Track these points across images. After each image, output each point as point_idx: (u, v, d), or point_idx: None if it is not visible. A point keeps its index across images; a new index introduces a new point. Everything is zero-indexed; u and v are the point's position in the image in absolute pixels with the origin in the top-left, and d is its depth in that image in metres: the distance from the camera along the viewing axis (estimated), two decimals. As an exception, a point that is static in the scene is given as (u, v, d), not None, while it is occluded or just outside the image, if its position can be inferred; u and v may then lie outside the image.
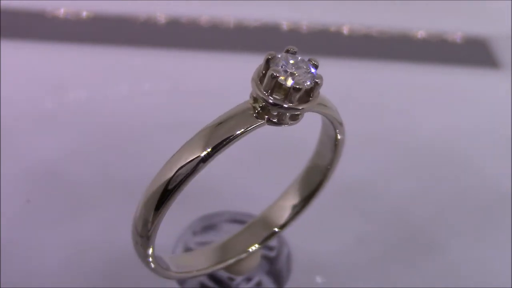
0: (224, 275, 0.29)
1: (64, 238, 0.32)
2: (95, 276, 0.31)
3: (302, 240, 0.32)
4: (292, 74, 0.21)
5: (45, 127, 0.38)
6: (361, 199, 0.36)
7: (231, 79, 0.36)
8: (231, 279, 0.30)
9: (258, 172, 0.36)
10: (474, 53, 0.46)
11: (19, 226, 0.33)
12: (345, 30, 0.47)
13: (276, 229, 0.29)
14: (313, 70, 0.22)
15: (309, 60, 0.22)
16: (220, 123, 0.22)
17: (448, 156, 0.38)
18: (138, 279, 0.31)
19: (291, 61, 0.22)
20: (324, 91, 0.23)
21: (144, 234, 0.22)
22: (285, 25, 0.46)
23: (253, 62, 0.45)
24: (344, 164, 0.37)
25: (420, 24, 0.48)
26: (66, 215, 0.34)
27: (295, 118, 0.22)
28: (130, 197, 0.34)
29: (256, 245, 0.29)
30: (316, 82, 0.21)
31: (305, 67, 0.22)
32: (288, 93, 0.21)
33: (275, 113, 0.22)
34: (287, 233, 0.31)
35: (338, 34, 0.47)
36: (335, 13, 0.48)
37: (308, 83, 0.21)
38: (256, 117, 0.22)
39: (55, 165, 0.36)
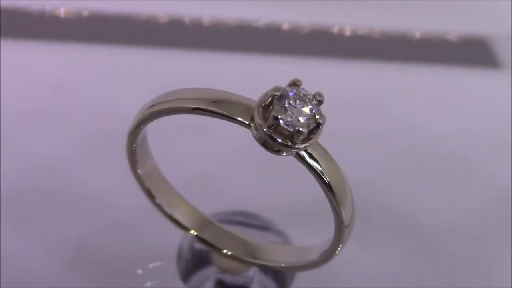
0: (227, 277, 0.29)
1: (65, 238, 0.32)
2: (95, 276, 0.31)
3: (303, 239, 0.32)
4: (288, 109, 0.21)
5: (45, 126, 0.38)
6: (361, 199, 0.36)
7: (232, 79, 0.36)
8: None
9: (261, 171, 0.36)
10: (474, 53, 0.46)
11: (19, 226, 0.33)
12: (346, 31, 0.47)
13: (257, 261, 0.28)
14: (312, 124, 0.21)
15: (317, 115, 0.21)
16: (223, 99, 0.22)
17: (448, 156, 0.38)
18: (139, 279, 0.31)
19: (306, 103, 0.21)
20: (324, 92, 0.23)
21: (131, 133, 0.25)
22: (286, 25, 0.46)
23: (255, 63, 0.46)
24: (344, 164, 0.37)
25: (420, 24, 0.48)
26: (66, 215, 0.34)
27: (267, 146, 0.21)
28: (131, 197, 0.35)
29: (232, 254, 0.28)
30: (299, 130, 0.20)
31: (309, 115, 0.21)
32: (269, 117, 0.21)
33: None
34: (289, 233, 0.31)
35: (339, 35, 0.47)
36: (337, 14, 0.48)
37: (295, 128, 0.20)
38: (250, 118, 0.21)
39: (55, 164, 0.36)
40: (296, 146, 0.21)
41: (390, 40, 0.47)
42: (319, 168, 0.22)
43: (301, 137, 0.21)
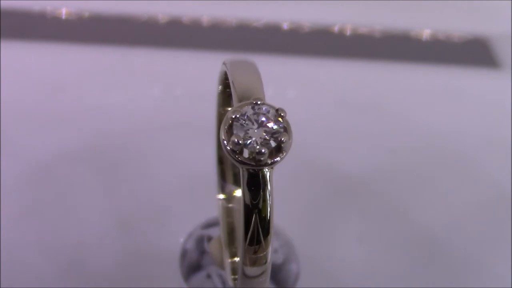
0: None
1: (65, 238, 0.32)
2: (95, 276, 0.31)
3: (304, 240, 0.32)
4: (248, 121, 0.20)
5: (45, 127, 0.38)
6: (362, 199, 0.36)
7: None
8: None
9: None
10: (474, 53, 0.46)
11: (19, 226, 0.33)
12: (347, 31, 0.47)
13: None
14: (263, 149, 0.20)
15: (263, 146, 0.20)
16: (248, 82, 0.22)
17: (448, 155, 0.38)
18: (139, 279, 0.31)
19: (267, 129, 0.20)
20: (324, 91, 0.23)
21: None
22: (286, 25, 0.46)
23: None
24: (345, 164, 0.37)
25: (420, 24, 0.48)
26: (66, 216, 0.34)
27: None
28: (131, 197, 0.35)
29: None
30: (237, 142, 0.20)
31: (256, 139, 0.20)
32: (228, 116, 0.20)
33: None
34: (288, 232, 0.31)
35: (340, 35, 0.47)
36: (337, 14, 0.48)
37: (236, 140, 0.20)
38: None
39: (55, 165, 0.36)
40: (237, 158, 0.20)
41: (390, 40, 0.47)
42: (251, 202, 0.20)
43: (237, 148, 0.20)
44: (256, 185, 0.20)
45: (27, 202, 0.34)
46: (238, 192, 0.28)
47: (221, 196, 0.29)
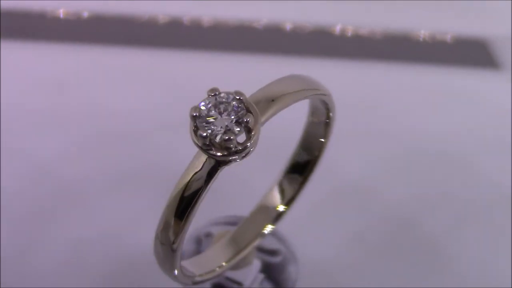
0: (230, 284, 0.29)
1: (65, 238, 0.32)
2: (95, 275, 0.31)
3: (303, 240, 0.32)
4: (214, 110, 0.20)
5: (45, 127, 0.38)
6: (361, 199, 0.36)
7: (232, 79, 0.36)
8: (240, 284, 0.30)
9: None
10: (474, 53, 0.47)
11: (19, 226, 0.33)
12: (348, 32, 0.47)
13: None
14: (228, 137, 0.20)
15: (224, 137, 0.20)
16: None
17: (448, 156, 0.38)
18: (140, 279, 0.31)
19: (228, 119, 0.20)
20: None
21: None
22: (288, 26, 0.46)
23: (255, 63, 0.46)
24: (344, 164, 0.37)
25: (420, 24, 0.48)
26: (66, 215, 0.34)
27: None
28: (130, 197, 0.35)
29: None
30: (195, 116, 0.20)
31: (217, 128, 0.20)
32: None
33: None
34: (287, 233, 0.31)
35: (341, 36, 0.47)
36: (338, 15, 0.48)
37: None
38: None
39: (55, 164, 0.36)
40: (197, 143, 0.20)
41: (390, 40, 0.47)
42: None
43: (195, 125, 0.20)
44: (212, 173, 0.20)
45: (27, 201, 0.34)
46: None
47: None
